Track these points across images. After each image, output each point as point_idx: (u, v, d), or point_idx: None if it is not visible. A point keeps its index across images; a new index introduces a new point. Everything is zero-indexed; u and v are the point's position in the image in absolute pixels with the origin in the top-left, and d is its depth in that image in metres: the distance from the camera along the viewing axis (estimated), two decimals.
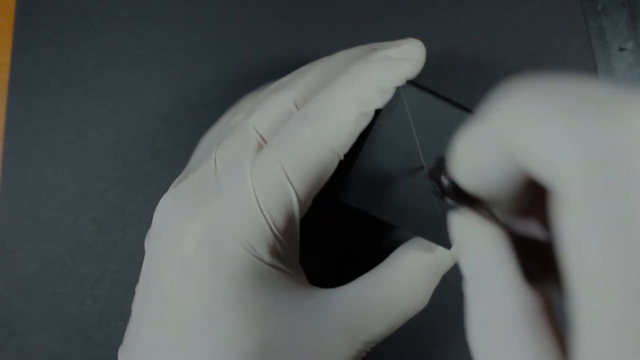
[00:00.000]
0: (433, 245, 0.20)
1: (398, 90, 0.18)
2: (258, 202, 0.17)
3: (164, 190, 0.20)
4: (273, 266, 0.18)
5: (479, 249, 0.13)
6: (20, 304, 0.26)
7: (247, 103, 0.22)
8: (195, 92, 0.27)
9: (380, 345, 0.26)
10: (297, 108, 0.19)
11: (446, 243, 0.19)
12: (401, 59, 0.18)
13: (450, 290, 0.26)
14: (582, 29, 0.27)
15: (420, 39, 0.19)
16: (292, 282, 0.19)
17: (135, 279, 0.26)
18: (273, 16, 0.27)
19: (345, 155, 0.19)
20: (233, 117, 0.22)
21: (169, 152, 0.26)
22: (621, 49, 0.27)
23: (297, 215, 0.18)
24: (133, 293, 0.26)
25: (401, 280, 0.19)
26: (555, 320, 0.12)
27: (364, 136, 0.19)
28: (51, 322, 0.26)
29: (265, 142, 0.19)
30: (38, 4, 0.27)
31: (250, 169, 0.18)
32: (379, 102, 0.18)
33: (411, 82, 0.19)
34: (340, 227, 0.26)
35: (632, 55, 0.27)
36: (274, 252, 0.18)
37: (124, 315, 0.26)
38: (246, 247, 0.18)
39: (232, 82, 0.27)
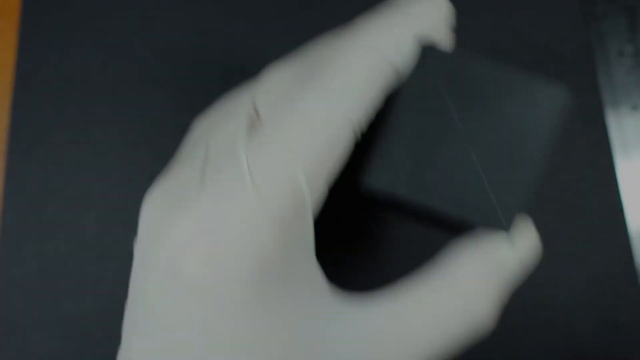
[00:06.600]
0: (490, 242, 0.16)
1: (424, 53, 0.16)
2: (255, 186, 0.14)
3: None
4: (285, 267, 0.14)
5: None
6: (20, 301, 0.26)
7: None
8: (199, 92, 0.27)
9: None
10: None
11: (503, 224, 0.15)
12: (421, 13, 0.15)
13: None
14: (581, 33, 0.27)
15: None
16: (314, 288, 0.15)
17: None
18: (277, 16, 0.27)
19: (368, 133, 0.16)
20: (232, 99, 0.18)
21: (171, 152, 0.26)
22: (620, 54, 0.27)
23: (308, 201, 0.14)
24: None
25: (451, 288, 0.15)
26: None
27: (387, 111, 0.16)
28: (51, 321, 0.26)
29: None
30: (43, 4, 0.28)
31: (245, 149, 0.14)
32: (396, 55, 0.15)
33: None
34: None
35: (631, 60, 0.27)
36: (283, 248, 0.14)
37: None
38: (246, 243, 0.14)
39: (235, 82, 0.27)
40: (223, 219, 0.14)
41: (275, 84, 0.16)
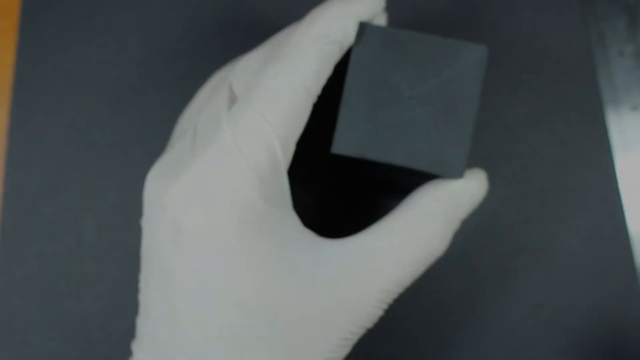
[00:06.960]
0: (446, 182, 0.19)
1: (363, 29, 0.18)
2: (238, 147, 0.17)
3: None
4: (268, 214, 0.17)
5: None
6: (20, 302, 0.26)
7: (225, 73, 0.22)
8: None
9: (380, 346, 0.26)
10: None
11: (455, 172, 0.18)
12: (364, 3, 0.19)
13: (450, 289, 0.26)
14: (581, 33, 0.27)
15: None
16: (294, 231, 0.18)
17: (136, 278, 0.26)
18: (276, 18, 0.27)
19: (329, 106, 0.19)
20: (211, 86, 0.22)
21: None
22: (620, 54, 0.27)
23: (280, 157, 0.18)
24: (134, 291, 0.26)
25: (415, 223, 0.18)
26: None
27: (342, 84, 0.19)
28: (51, 321, 0.26)
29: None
30: (42, 4, 0.28)
31: (226, 119, 0.18)
32: (341, 36, 0.18)
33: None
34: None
35: (631, 60, 0.27)
36: (264, 198, 0.17)
37: (124, 314, 0.26)
38: (234, 196, 0.17)
39: None
40: (213, 177, 0.17)
41: (246, 67, 0.19)
